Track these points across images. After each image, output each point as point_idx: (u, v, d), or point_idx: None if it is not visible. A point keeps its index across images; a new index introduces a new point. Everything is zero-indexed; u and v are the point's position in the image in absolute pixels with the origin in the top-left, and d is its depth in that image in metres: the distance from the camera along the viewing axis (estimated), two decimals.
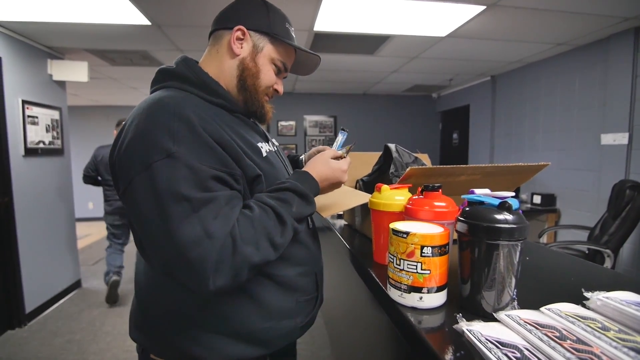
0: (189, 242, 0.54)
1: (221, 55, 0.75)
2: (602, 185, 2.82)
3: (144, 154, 0.58)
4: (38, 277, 2.75)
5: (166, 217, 0.55)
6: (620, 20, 2.43)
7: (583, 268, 0.86)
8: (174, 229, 0.55)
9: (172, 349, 0.70)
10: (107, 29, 2.55)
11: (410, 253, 0.58)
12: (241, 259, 0.57)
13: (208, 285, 0.56)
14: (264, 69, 0.75)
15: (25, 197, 2.64)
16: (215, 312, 0.68)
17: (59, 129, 3.08)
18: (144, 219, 0.58)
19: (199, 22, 2.48)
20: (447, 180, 0.82)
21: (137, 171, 0.58)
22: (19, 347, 2.29)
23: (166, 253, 0.56)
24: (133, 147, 0.59)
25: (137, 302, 0.77)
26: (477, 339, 0.48)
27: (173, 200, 0.56)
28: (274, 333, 0.72)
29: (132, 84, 4.53)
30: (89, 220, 6.36)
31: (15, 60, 2.60)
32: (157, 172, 0.56)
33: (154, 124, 0.59)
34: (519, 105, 3.86)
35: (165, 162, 0.56)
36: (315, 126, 5.74)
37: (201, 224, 0.55)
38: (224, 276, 0.56)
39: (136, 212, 0.60)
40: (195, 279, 0.56)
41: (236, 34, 0.72)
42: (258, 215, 0.61)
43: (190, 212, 0.56)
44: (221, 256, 0.56)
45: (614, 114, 2.71)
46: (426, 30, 2.66)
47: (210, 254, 0.55)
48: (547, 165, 0.84)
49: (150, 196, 0.57)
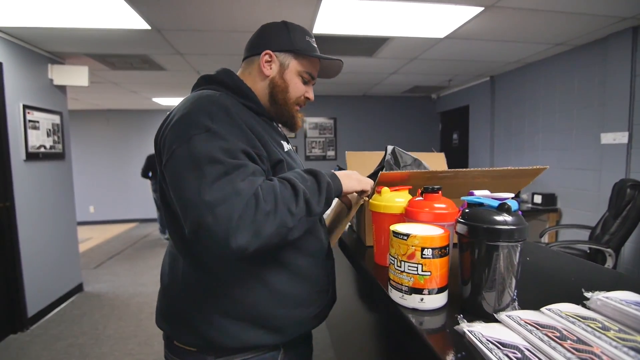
0: (218, 198, 0.60)
1: (254, 77, 0.86)
2: (602, 184, 2.82)
3: (186, 130, 0.67)
4: (40, 281, 2.76)
5: (201, 176, 0.62)
6: (618, 19, 2.43)
7: (583, 268, 0.86)
8: (207, 187, 0.61)
9: (192, 334, 0.75)
10: (107, 33, 2.56)
11: (410, 255, 0.59)
12: (262, 216, 0.62)
13: (229, 243, 0.59)
14: (292, 83, 0.85)
15: (26, 201, 2.65)
16: (232, 298, 0.73)
17: (59, 133, 3.09)
18: (181, 183, 0.65)
19: (199, 26, 2.50)
20: (446, 183, 0.83)
21: (179, 144, 0.66)
22: (21, 352, 2.30)
23: (196, 211, 0.61)
24: (177, 126, 0.69)
25: (162, 292, 0.83)
26: (478, 339, 0.48)
27: (208, 162, 0.63)
28: (287, 320, 0.77)
29: (132, 88, 4.55)
30: (90, 224, 6.37)
31: (16, 65, 2.61)
32: (196, 143, 0.65)
33: (196, 108, 0.70)
34: (518, 106, 3.86)
35: (203, 135, 0.65)
36: (315, 128, 5.75)
37: (231, 184, 0.62)
38: (245, 232, 0.60)
39: (174, 179, 0.66)
40: (219, 235, 0.59)
41: (264, 57, 0.83)
42: (278, 184, 0.68)
43: (223, 173, 0.63)
44: (245, 212, 0.60)
45: (614, 113, 2.71)
46: (425, 32, 2.67)
47: (236, 209, 0.60)
48: (545, 169, 0.85)
49: (188, 161, 0.64)
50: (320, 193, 0.72)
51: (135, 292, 3.28)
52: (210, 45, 2.90)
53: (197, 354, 0.76)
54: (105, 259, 4.35)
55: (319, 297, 0.83)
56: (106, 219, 6.49)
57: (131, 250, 4.74)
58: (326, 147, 5.81)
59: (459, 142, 5.26)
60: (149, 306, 2.96)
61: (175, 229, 0.80)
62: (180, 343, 0.77)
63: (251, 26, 2.44)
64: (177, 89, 4.67)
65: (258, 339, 0.74)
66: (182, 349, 0.77)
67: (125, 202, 6.52)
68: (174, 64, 3.41)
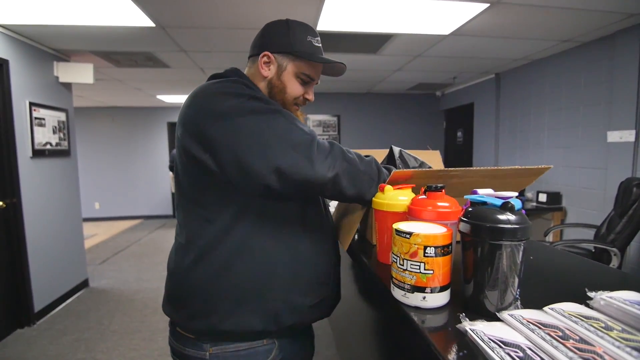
0: (299, 136, 0.71)
1: (255, 77, 0.88)
2: (608, 183, 2.80)
3: (232, 98, 0.73)
4: (46, 277, 2.79)
5: (274, 125, 0.71)
6: (626, 16, 2.40)
7: (587, 267, 0.86)
8: (286, 128, 0.71)
9: (192, 316, 0.78)
10: (112, 31, 2.57)
11: (413, 253, 0.59)
12: (336, 153, 0.73)
13: (315, 166, 0.70)
14: (289, 84, 0.87)
15: (33, 198, 2.68)
16: (230, 280, 0.76)
17: (65, 130, 3.11)
18: (248, 137, 0.70)
19: (203, 24, 2.50)
20: (449, 182, 0.82)
21: (230, 106, 0.72)
22: (27, 346, 2.33)
23: (279, 152, 0.69)
24: (214, 99, 0.74)
25: (168, 278, 0.86)
26: (480, 338, 0.48)
27: (274, 114, 0.73)
28: (282, 305, 0.78)
29: (137, 85, 4.57)
30: (96, 220, 6.43)
31: (22, 62, 2.63)
32: (251, 102, 0.73)
33: (228, 85, 0.76)
34: (523, 103, 3.83)
35: (253, 99, 0.74)
36: (319, 125, 5.75)
37: (299, 127, 0.73)
38: (325, 162, 0.71)
39: (235, 138, 0.71)
40: (306, 162, 0.69)
41: (263, 59, 0.86)
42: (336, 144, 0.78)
43: (289, 120, 0.73)
44: (322, 147, 0.72)
45: (621, 111, 2.68)
46: (429, 29, 2.65)
47: (314, 143, 0.72)
48: (549, 169, 0.84)
49: (251, 117, 0.71)
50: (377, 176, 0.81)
51: (140, 288, 3.31)
52: (215, 42, 2.90)
53: (195, 342, 0.78)
54: (111, 255, 4.39)
55: (318, 288, 0.84)
56: (111, 215, 6.55)
57: (136, 247, 4.78)
58: None
59: (463, 140, 5.23)
60: (154, 302, 2.99)
61: (185, 211, 0.82)
62: (181, 329, 0.80)
63: (255, 23, 2.44)
64: (181, 87, 4.68)
65: (251, 324, 0.76)
66: (182, 335, 0.80)
67: (131, 199, 6.58)
68: (178, 61, 3.42)
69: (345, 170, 0.73)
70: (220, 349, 0.77)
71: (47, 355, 2.21)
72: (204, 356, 0.77)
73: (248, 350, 0.78)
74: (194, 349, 0.78)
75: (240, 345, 0.77)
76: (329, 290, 0.87)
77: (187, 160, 0.77)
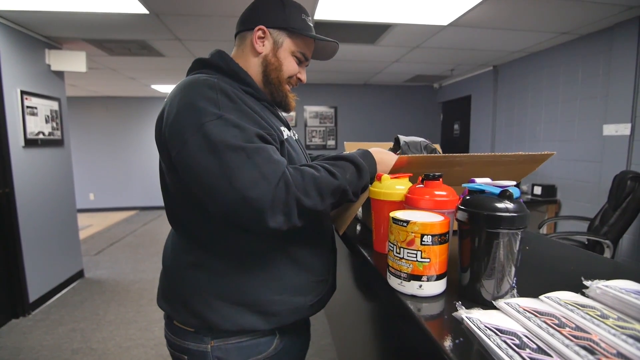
0: (249, 183, 0.61)
1: (246, 54, 0.83)
2: (603, 176, 2.81)
3: (196, 118, 0.65)
4: (41, 267, 2.78)
5: (225, 165, 0.62)
6: (624, 8, 2.39)
7: (583, 257, 0.86)
8: (234, 174, 0.61)
9: (191, 315, 0.76)
10: (105, 18, 2.52)
11: (410, 241, 0.58)
12: (293, 199, 0.63)
13: (267, 222, 0.62)
14: (286, 62, 0.83)
15: (26, 188, 2.65)
16: (230, 283, 0.75)
17: (58, 119, 3.07)
18: (203, 172, 0.64)
19: (198, 11, 2.45)
20: (444, 170, 0.82)
21: (191, 133, 0.64)
22: (23, 336, 2.33)
23: (228, 197, 0.62)
24: (182, 116, 0.67)
25: (164, 274, 0.85)
26: (477, 326, 0.48)
27: (229, 150, 0.63)
28: (283, 307, 0.77)
29: (130, 74, 4.50)
30: (90, 211, 6.39)
31: (13, 50, 2.58)
32: (211, 130, 0.63)
33: (198, 96, 0.67)
34: (521, 96, 3.83)
35: (216, 122, 0.64)
36: (316, 117, 5.72)
37: (257, 168, 0.62)
38: (278, 214, 0.62)
39: (193, 170, 0.65)
40: (256, 217, 0.62)
41: (257, 33, 0.80)
42: (305, 168, 0.68)
43: (246, 158, 0.62)
44: (276, 195, 0.62)
45: (617, 104, 2.69)
46: (428, 19, 2.62)
47: (267, 193, 0.61)
48: (552, 155, 0.83)
49: (206, 151, 0.63)
50: (357, 187, 0.74)
51: (136, 279, 3.31)
52: (210, 30, 2.85)
53: (195, 335, 0.77)
54: (106, 246, 4.37)
55: (317, 287, 0.84)
56: (106, 206, 6.51)
57: (131, 238, 4.76)
58: (326, 136, 5.78)
59: (460, 133, 5.23)
60: (149, 292, 2.99)
61: (175, 216, 0.81)
62: (180, 323, 0.79)
63: None
64: (175, 76, 4.62)
65: (253, 324, 0.75)
66: (181, 329, 0.79)
67: (125, 189, 6.53)
68: (172, 49, 3.36)
69: (308, 210, 0.66)
70: (222, 341, 0.76)
71: (43, 345, 2.20)
72: (206, 349, 0.76)
73: (250, 342, 0.77)
74: (194, 342, 0.77)
75: (242, 338, 0.77)
76: (327, 285, 0.87)
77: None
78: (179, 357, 0.81)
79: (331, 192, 0.68)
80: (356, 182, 0.73)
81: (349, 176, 0.71)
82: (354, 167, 0.74)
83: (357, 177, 0.74)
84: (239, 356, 0.77)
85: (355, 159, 0.75)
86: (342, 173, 0.71)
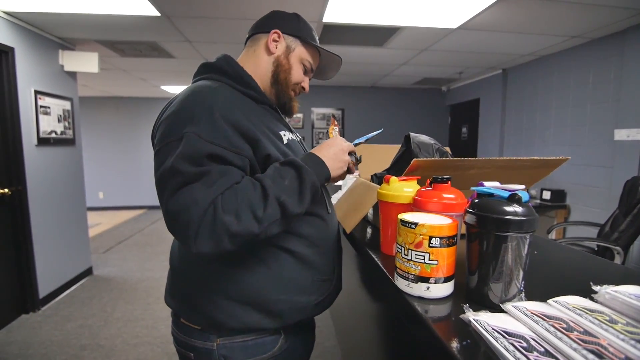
0: (178, 209, 0.63)
1: (258, 54, 0.86)
2: (614, 181, 2.77)
3: (166, 133, 0.69)
4: (51, 264, 2.82)
5: (164, 188, 0.66)
6: (636, 12, 2.36)
7: (592, 262, 0.85)
8: (167, 199, 0.65)
9: (197, 313, 0.78)
10: (117, 19, 2.56)
11: (418, 243, 0.59)
12: (220, 226, 0.62)
13: (191, 248, 0.63)
14: (295, 67, 0.87)
15: (38, 185, 2.70)
16: (236, 282, 0.76)
17: (70, 119, 3.12)
18: (156, 186, 0.70)
19: (209, 14, 2.48)
20: (457, 174, 0.82)
21: (159, 146, 0.70)
22: (32, 331, 2.37)
23: (165, 218, 0.66)
24: (164, 126, 0.71)
25: (171, 272, 0.86)
26: (484, 328, 0.48)
27: (170, 174, 0.65)
28: (288, 306, 0.78)
29: (141, 75, 4.56)
30: (100, 209, 6.47)
31: (27, 50, 2.63)
32: (165, 150, 0.68)
33: (183, 108, 0.70)
34: (530, 99, 3.80)
35: (174, 144, 0.67)
36: (323, 119, 5.73)
37: (190, 194, 0.63)
38: (204, 241, 0.62)
39: (155, 179, 0.71)
40: (185, 241, 0.64)
41: (273, 35, 0.84)
42: (243, 188, 0.66)
43: (182, 183, 0.64)
44: (202, 222, 0.62)
45: (629, 108, 2.65)
46: (437, 22, 2.62)
47: (194, 219, 0.62)
48: (567, 160, 0.83)
49: (157, 170, 0.68)
50: (302, 192, 0.69)
51: (143, 277, 3.34)
52: (219, 33, 2.89)
53: (201, 333, 0.78)
54: (114, 244, 4.43)
55: (322, 286, 0.84)
56: (115, 205, 6.59)
57: (139, 236, 4.81)
58: None
59: (468, 136, 5.20)
60: (156, 291, 3.02)
61: None
62: (186, 321, 0.80)
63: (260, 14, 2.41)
64: (185, 77, 4.67)
65: (258, 323, 0.76)
66: (188, 326, 0.80)
67: (134, 188, 6.61)
68: (182, 51, 3.41)
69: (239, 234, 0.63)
70: (228, 340, 0.78)
71: (52, 341, 2.24)
72: (212, 347, 0.78)
73: (255, 341, 0.79)
74: (200, 339, 0.79)
75: (248, 337, 0.78)
76: (332, 285, 0.88)
77: None
78: (185, 355, 0.82)
79: (264, 211, 0.65)
80: (297, 187, 0.69)
81: (287, 182, 0.68)
82: (293, 171, 0.70)
83: (297, 181, 0.70)
84: (244, 355, 0.78)
85: (296, 161, 0.72)
86: (279, 182, 0.67)
